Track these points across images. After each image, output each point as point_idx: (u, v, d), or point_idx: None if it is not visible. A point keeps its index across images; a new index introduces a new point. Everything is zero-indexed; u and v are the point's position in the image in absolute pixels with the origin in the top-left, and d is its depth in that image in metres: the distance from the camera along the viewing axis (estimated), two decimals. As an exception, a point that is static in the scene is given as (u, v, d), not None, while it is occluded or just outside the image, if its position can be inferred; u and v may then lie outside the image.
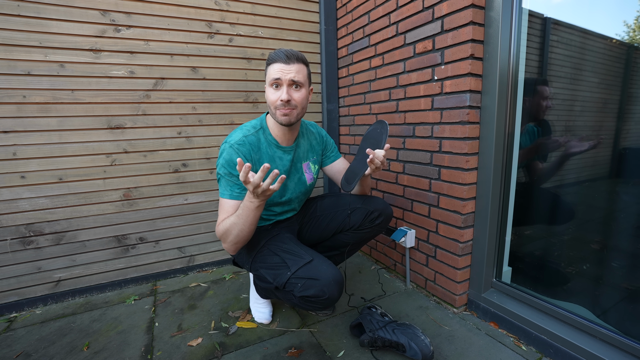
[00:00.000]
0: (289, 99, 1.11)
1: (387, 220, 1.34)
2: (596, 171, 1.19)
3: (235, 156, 1.12)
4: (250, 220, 1.05)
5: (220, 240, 1.13)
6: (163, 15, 1.69)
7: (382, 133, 1.18)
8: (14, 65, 1.45)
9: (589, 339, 1.09)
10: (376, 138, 1.20)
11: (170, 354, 1.24)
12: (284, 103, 1.11)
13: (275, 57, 1.11)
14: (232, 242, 1.10)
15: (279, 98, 1.11)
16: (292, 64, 1.10)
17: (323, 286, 1.02)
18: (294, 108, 1.14)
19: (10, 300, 1.56)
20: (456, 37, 1.29)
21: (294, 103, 1.13)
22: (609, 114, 1.12)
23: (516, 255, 1.43)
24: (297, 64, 1.12)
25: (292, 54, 1.11)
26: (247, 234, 1.08)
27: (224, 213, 1.13)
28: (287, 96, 1.10)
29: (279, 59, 1.10)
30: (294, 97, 1.13)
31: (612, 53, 1.10)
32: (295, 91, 1.13)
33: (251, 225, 1.06)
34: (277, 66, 1.10)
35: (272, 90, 1.13)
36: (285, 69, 1.10)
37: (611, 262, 1.16)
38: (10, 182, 1.50)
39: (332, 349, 1.24)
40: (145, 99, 1.70)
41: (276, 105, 1.13)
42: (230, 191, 1.13)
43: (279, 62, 1.10)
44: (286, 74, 1.10)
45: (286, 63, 1.10)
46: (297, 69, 1.11)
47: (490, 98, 1.28)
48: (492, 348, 1.22)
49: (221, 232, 1.10)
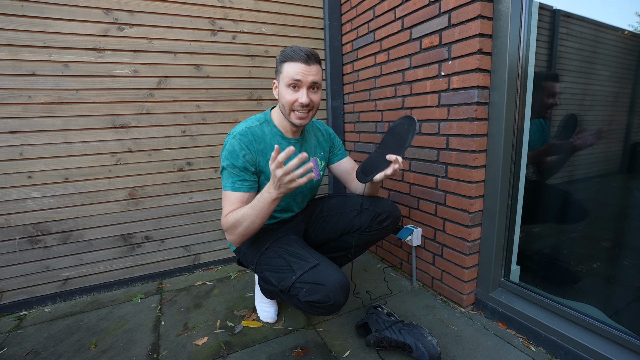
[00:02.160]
0: (309, 102, 1.10)
1: (395, 222, 1.31)
2: (607, 166, 1.16)
3: (238, 146, 1.11)
4: (264, 214, 1.03)
5: (226, 231, 1.10)
6: (166, 13, 1.67)
7: (408, 131, 1.10)
8: (19, 65, 1.45)
9: (600, 341, 1.06)
10: (401, 134, 1.12)
11: (176, 353, 1.24)
12: (303, 105, 1.10)
13: (295, 55, 1.07)
14: (240, 234, 1.08)
15: (297, 100, 1.09)
16: (312, 65, 1.08)
17: (328, 291, 0.99)
18: (311, 109, 1.14)
19: (19, 299, 1.58)
20: (464, 31, 1.26)
21: (311, 105, 1.13)
22: (621, 107, 1.09)
23: (525, 254, 1.40)
24: (316, 65, 1.10)
25: (312, 54, 1.09)
26: (258, 226, 1.07)
27: (230, 204, 1.11)
28: (307, 99, 1.09)
29: (300, 58, 1.07)
30: (313, 99, 1.12)
31: (623, 45, 1.07)
32: (313, 93, 1.12)
33: (263, 218, 1.05)
34: (297, 66, 1.07)
35: (290, 91, 1.10)
36: (306, 71, 1.07)
37: (623, 261, 1.13)
38: (18, 182, 1.51)
39: (338, 348, 1.24)
40: (149, 98, 1.70)
41: (293, 107, 1.11)
42: (232, 183, 1.12)
43: (299, 62, 1.07)
44: (307, 76, 1.08)
45: (307, 64, 1.07)
46: (316, 71, 1.10)
47: (499, 94, 1.25)
48: (500, 349, 1.20)
49: (230, 224, 1.07)
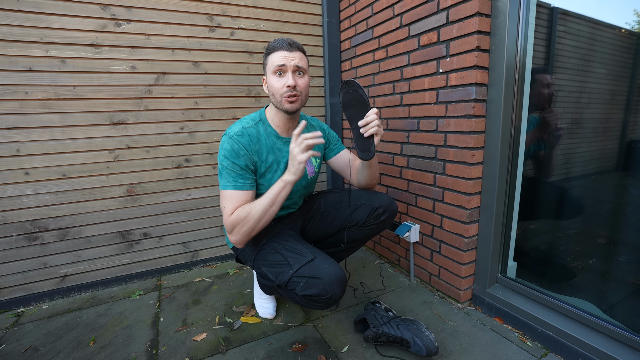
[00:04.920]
0: (295, 84, 1.12)
1: (392, 217, 1.32)
2: (603, 164, 1.17)
3: (236, 146, 1.12)
4: (280, 200, 1.07)
5: (233, 230, 1.08)
6: (164, 9, 1.66)
7: (356, 90, 1.11)
8: (15, 61, 1.44)
9: (595, 335, 1.08)
10: (354, 97, 1.13)
11: (176, 349, 1.25)
12: (290, 89, 1.12)
13: (278, 45, 1.12)
14: (249, 229, 1.07)
15: (284, 85, 1.12)
16: (294, 52, 1.13)
17: (325, 285, 1.00)
18: (299, 94, 1.15)
19: (17, 295, 1.58)
20: (462, 28, 1.26)
21: (299, 89, 1.14)
22: (617, 105, 1.09)
23: (521, 250, 1.41)
24: (299, 51, 1.14)
25: (294, 42, 1.14)
26: (269, 219, 1.08)
27: (234, 203, 1.10)
28: (293, 81, 1.11)
29: (281, 46, 1.11)
30: (299, 82, 1.14)
31: (620, 43, 1.07)
32: (299, 78, 1.15)
33: (277, 207, 1.08)
34: (280, 54, 1.11)
35: (276, 78, 1.13)
36: (289, 56, 1.11)
37: (618, 257, 1.14)
38: (15, 178, 1.50)
39: (336, 344, 1.25)
40: (147, 94, 1.69)
41: (282, 92, 1.13)
42: (234, 182, 1.12)
43: (281, 50, 1.11)
44: (290, 60, 1.11)
45: (289, 50, 1.12)
46: (299, 56, 1.14)
47: (497, 91, 1.26)
48: (497, 343, 1.21)
49: (239, 220, 1.06)
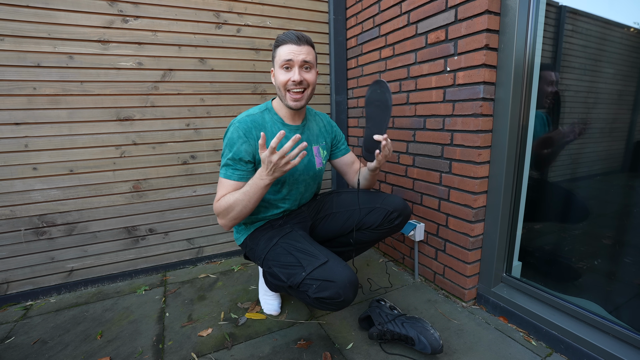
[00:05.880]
0: (301, 80, 1.13)
1: (405, 220, 1.31)
2: (610, 164, 1.17)
3: (235, 134, 1.14)
4: (256, 199, 1.07)
5: (218, 215, 1.13)
6: (171, 5, 1.67)
7: (384, 92, 1.10)
8: (23, 57, 1.45)
9: (601, 336, 1.08)
10: (380, 99, 1.11)
11: (181, 344, 1.26)
12: (295, 84, 1.13)
13: (286, 38, 1.12)
14: (232, 218, 1.11)
15: (290, 79, 1.13)
16: (302, 46, 1.12)
17: (339, 288, 1.00)
18: (306, 88, 1.16)
19: (25, 289, 1.59)
20: (470, 26, 1.25)
21: (305, 83, 1.15)
22: (625, 105, 1.09)
23: (527, 250, 1.41)
24: (307, 45, 1.14)
25: (302, 35, 1.14)
26: (249, 210, 1.10)
27: (223, 189, 1.14)
28: (299, 77, 1.12)
29: (290, 40, 1.11)
30: (306, 77, 1.15)
31: (629, 42, 1.06)
32: (306, 72, 1.15)
33: (255, 203, 1.09)
34: (288, 47, 1.11)
35: (283, 72, 1.14)
36: (296, 50, 1.11)
37: (624, 258, 1.14)
38: (23, 173, 1.52)
39: (341, 341, 1.25)
40: (154, 91, 1.70)
41: (287, 86, 1.14)
42: (226, 170, 1.15)
43: (289, 44, 1.11)
44: (298, 55, 1.11)
45: (297, 44, 1.12)
46: (307, 51, 1.13)
47: (505, 90, 1.25)
48: (501, 343, 1.22)
49: (222, 208, 1.10)
